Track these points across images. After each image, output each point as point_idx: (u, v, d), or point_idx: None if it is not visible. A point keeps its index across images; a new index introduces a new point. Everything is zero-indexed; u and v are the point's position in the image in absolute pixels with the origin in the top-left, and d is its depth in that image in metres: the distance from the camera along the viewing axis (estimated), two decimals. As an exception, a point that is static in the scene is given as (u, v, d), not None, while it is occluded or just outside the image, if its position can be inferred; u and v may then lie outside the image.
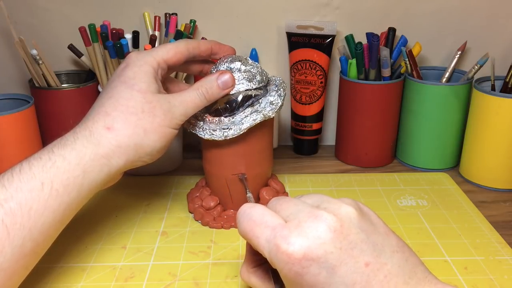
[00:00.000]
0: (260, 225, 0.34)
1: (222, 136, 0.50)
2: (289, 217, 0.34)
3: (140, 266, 0.48)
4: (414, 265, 0.33)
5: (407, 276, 0.32)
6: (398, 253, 0.33)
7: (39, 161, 0.39)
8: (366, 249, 0.32)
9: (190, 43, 0.50)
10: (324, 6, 0.70)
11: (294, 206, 0.35)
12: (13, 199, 0.37)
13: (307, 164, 0.71)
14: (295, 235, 0.32)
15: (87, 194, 0.42)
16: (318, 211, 0.33)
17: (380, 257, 0.32)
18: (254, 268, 0.40)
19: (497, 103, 0.59)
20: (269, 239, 0.33)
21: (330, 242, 0.31)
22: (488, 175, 0.63)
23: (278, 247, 0.32)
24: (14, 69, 0.72)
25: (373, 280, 0.31)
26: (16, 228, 0.37)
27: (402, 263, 0.33)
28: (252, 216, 0.35)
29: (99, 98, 0.46)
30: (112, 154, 0.42)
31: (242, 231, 0.36)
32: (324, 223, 0.32)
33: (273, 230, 0.33)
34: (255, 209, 0.36)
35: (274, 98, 0.52)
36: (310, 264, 0.31)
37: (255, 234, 0.34)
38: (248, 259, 0.40)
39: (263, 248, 0.34)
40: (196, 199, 0.57)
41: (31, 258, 0.39)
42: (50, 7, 0.69)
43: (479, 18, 0.71)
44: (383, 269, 0.32)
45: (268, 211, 0.35)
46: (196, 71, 0.55)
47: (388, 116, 0.67)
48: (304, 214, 0.33)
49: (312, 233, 0.32)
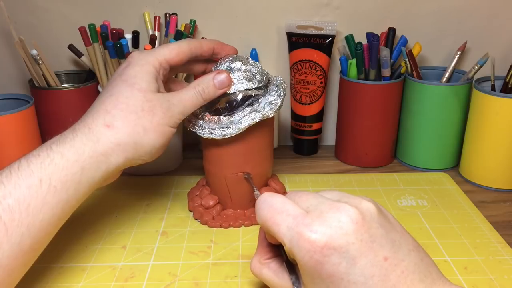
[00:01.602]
0: (282, 213, 0.34)
1: (220, 135, 0.50)
2: (309, 208, 0.34)
3: (140, 266, 0.48)
4: (428, 265, 0.34)
5: (423, 274, 0.33)
6: (414, 252, 0.34)
7: (37, 158, 0.40)
8: (385, 244, 0.32)
9: (192, 43, 0.50)
10: (324, 6, 0.70)
11: (313, 198, 0.35)
12: (11, 196, 0.37)
13: (307, 164, 0.71)
14: (317, 223, 0.32)
15: (85, 191, 0.42)
16: (339, 203, 0.33)
17: (398, 254, 0.32)
18: (267, 260, 0.40)
19: (497, 103, 0.59)
20: (291, 226, 0.33)
21: (352, 233, 0.32)
22: (488, 175, 0.63)
23: (301, 234, 0.32)
24: (14, 69, 0.72)
25: (391, 275, 0.32)
26: (14, 225, 0.37)
27: (418, 262, 0.33)
28: (273, 204, 0.35)
29: (100, 96, 0.46)
30: (111, 152, 0.42)
31: (262, 218, 0.36)
32: (346, 215, 0.32)
33: (295, 218, 0.33)
34: (276, 198, 0.36)
35: (274, 98, 0.52)
36: (332, 253, 0.31)
37: (275, 222, 0.34)
38: (260, 251, 0.40)
39: (283, 235, 0.34)
40: (196, 197, 0.57)
41: (30, 255, 0.39)
42: (50, 7, 0.69)
43: (479, 18, 0.71)
44: (401, 265, 0.32)
45: (289, 200, 0.36)
46: (199, 71, 0.55)
47: (388, 116, 0.67)
48: (326, 205, 0.34)
49: (335, 223, 0.32)
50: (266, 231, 0.37)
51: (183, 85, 0.54)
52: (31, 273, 0.40)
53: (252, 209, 0.56)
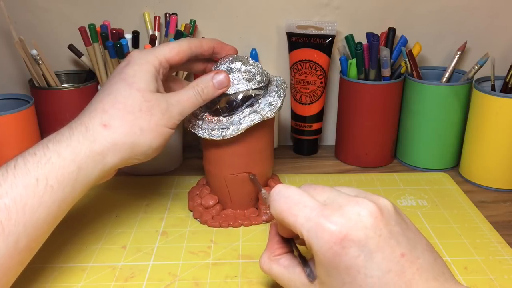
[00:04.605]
0: (299, 204, 0.34)
1: (220, 136, 0.50)
2: (326, 201, 0.34)
3: (140, 266, 0.48)
4: (441, 266, 0.34)
5: (436, 273, 0.33)
6: (428, 252, 0.34)
7: (34, 156, 0.39)
8: (402, 241, 0.33)
9: (192, 42, 0.50)
10: (324, 6, 0.70)
11: (330, 192, 0.35)
12: (8, 195, 0.37)
13: (307, 164, 0.71)
14: (337, 215, 0.32)
15: (81, 190, 0.42)
16: (358, 198, 0.34)
17: (413, 251, 0.33)
18: (277, 256, 0.40)
19: (497, 103, 0.59)
20: (310, 217, 0.33)
21: (371, 228, 0.32)
22: (488, 175, 0.63)
23: (320, 225, 0.32)
24: (14, 69, 0.72)
25: (407, 271, 0.32)
26: (11, 224, 0.37)
27: (432, 261, 0.33)
28: (289, 195, 0.35)
29: (98, 93, 0.45)
30: (107, 151, 0.42)
31: (277, 209, 0.36)
32: (366, 209, 0.32)
33: (313, 209, 0.33)
34: (292, 189, 0.36)
35: (274, 99, 0.52)
36: (351, 245, 0.32)
37: (292, 212, 0.34)
38: (270, 248, 0.40)
39: (301, 226, 0.34)
40: (196, 197, 0.57)
41: (26, 254, 0.39)
42: (50, 7, 0.69)
43: (479, 18, 0.71)
44: (416, 262, 0.32)
45: (305, 192, 0.35)
46: (199, 70, 0.55)
47: (388, 116, 0.67)
48: (343, 199, 0.34)
49: (354, 216, 0.32)
50: (281, 223, 0.37)
51: (183, 83, 0.54)
52: (31, 273, 0.40)
53: (252, 209, 0.56)
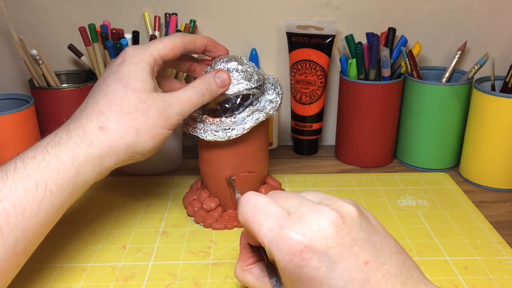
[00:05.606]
0: (264, 213, 0.34)
1: (225, 137, 0.50)
2: (290, 209, 0.34)
3: (140, 266, 0.48)
4: (410, 268, 0.33)
5: (405, 277, 0.32)
6: (396, 254, 0.33)
7: (33, 160, 0.39)
8: (366, 248, 0.32)
9: (186, 37, 0.49)
10: (324, 6, 0.70)
11: (294, 199, 0.35)
12: (7, 199, 0.37)
13: (307, 164, 0.71)
14: (298, 226, 0.32)
15: (78, 193, 0.42)
16: (320, 206, 0.33)
17: (379, 257, 0.32)
18: (249, 266, 0.40)
19: (497, 103, 0.59)
20: (272, 228, 0.33)
21: (332, 237, 0.31)
22: (488, 175, 0.63)
23: (280, 236, 0.32)
24: (14, 69, 0.72)
25: (372, 279, 0.31)
26: (9, 228, 0.37)
27: (400, 265, 0.33)
28: (256, 204, 0.35)
29: (94, 93, 0.45)
30: (104, 154, 0.42)
31: (243, 217, 0.35)
32: (327, 218, 0.32)
33: (276, 220, 0.33)
34: (260, 198, 0.35)
35: (273, 97, 0.52)
36: (311, 256, 0.31)
37: (257, 221, 0.34)
38: (243, 257, 0.40)
39: (263, 236, 0.33)
40: (195, 201, 0.56)
41: (22, 256, 0.39)
42: (50, 7, 0.69)
43: (479, 18, 0.71)
44: (382, 268, 0.32)
45: (273, 201, 0.35)
46: (184, 69, 0.54)
47: (388, 116, 0.67)
48: (307, 207, 0.33)
49: (315, 226, 0.32)
50: (247, 231, 0.36)
51: (172, 81, 0.53)
52: (31, 273, 0.40)
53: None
